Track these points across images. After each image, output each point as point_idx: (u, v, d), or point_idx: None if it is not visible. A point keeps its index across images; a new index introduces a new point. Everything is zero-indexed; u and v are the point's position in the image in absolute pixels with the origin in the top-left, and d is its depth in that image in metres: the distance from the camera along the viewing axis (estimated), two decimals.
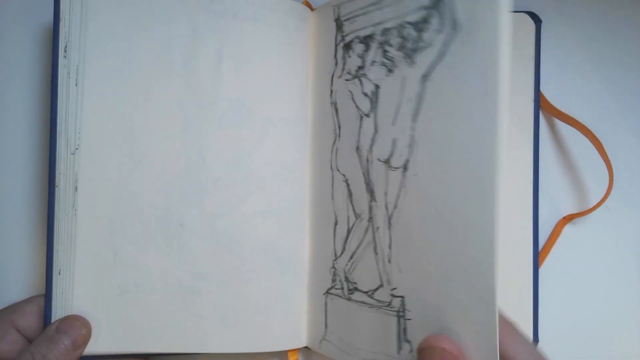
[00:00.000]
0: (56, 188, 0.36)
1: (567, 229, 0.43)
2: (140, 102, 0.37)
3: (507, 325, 0.30)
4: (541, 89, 0.42)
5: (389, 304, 0.34)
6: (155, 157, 0.37)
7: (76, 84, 0.36)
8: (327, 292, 0.38)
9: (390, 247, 0.34)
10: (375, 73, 0.35)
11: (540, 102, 0.42)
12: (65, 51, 0.36)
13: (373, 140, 0.35)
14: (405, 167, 0.33)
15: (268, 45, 0.39)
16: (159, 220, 0.37)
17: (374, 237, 0.35)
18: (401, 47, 0.33)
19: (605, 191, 0.41)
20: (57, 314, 0.35)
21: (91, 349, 0.35)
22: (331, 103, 0.39)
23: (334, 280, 0.38)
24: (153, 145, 0.37)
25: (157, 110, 0.37)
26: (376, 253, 0.35)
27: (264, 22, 0.39)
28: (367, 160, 0.36)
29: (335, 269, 0.38)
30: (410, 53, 0.33)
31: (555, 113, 0.42)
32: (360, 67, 0.36)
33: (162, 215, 0.37)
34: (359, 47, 0.37)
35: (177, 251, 0.37)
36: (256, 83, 0.38)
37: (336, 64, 0.38)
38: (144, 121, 0.37)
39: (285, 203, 0.39)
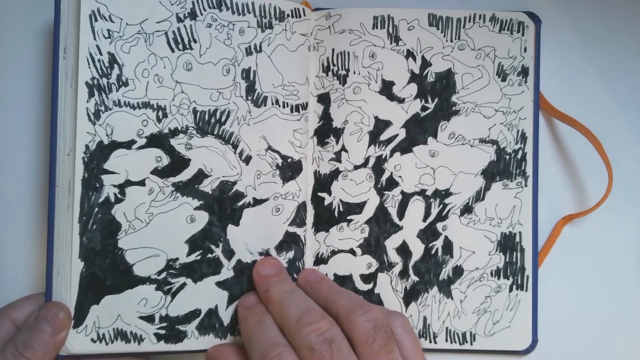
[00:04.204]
0: (56, 188, 0.36)
1: (567, 229, 0.43)
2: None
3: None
4: (541, 89, 0.42)
5: None
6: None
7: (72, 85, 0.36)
8: None
9: None
10: None
11: (539, 102, 0.42)
12: (64, 52, 0.36)
13: None
14: None
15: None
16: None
17: None
18: None
19: (604, 191, 0.41)
20: None
21: (91, 348, 0.35)
22: None
23: None
24: None
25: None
26: None
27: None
28: None
29: None
30: None
31: (555, 113, 0.42)
32: None
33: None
34: None
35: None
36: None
37: None
38: None
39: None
